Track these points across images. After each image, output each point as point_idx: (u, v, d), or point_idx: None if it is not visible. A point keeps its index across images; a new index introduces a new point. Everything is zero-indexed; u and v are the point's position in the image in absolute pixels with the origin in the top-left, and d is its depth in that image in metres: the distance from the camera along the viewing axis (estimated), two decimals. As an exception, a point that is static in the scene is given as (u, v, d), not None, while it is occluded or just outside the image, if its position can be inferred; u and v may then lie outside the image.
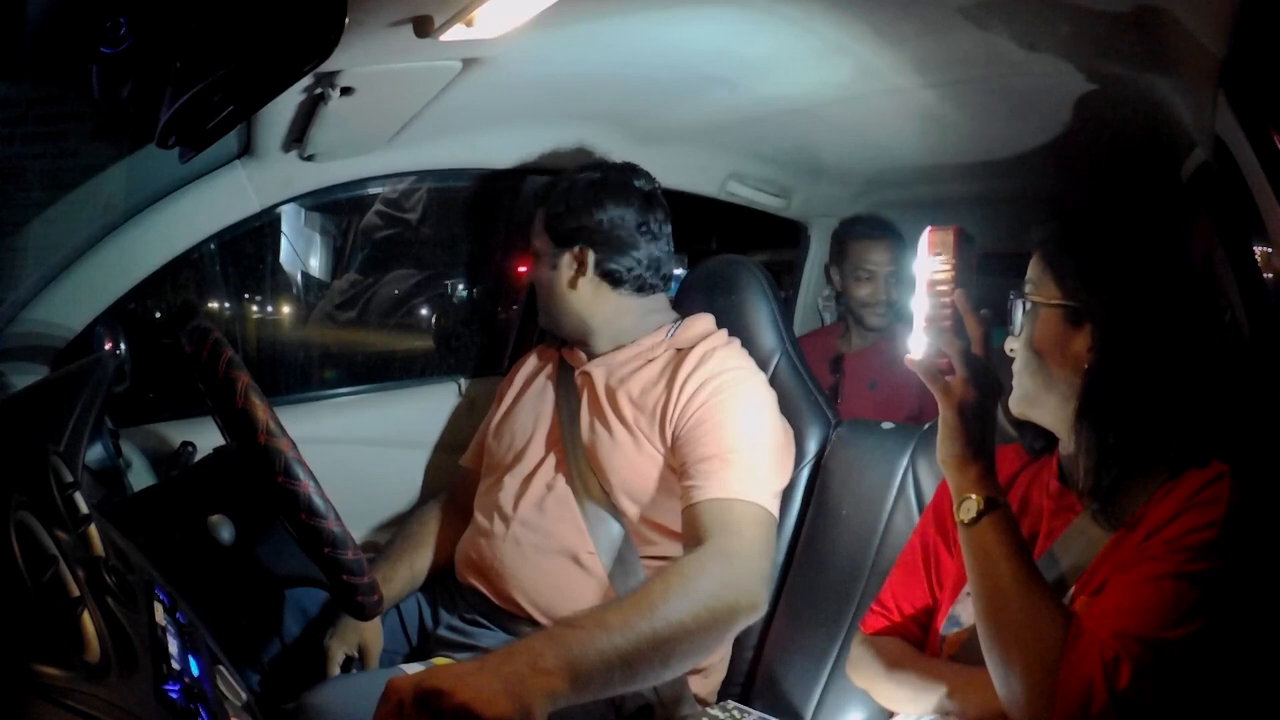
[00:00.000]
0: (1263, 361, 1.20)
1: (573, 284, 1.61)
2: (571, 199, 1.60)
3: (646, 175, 1.66)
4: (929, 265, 1.05)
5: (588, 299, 1.61)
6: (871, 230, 2.48)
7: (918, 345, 1.05)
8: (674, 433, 1.46)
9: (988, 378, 1.02)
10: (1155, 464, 1.00)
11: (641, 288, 1.62)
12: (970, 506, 1.00)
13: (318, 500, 1.12)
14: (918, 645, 1.19)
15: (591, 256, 1.59)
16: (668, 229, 1.65)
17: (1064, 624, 0.92)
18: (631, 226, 1.59)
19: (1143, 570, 0.93)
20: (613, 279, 1.60)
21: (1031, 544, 1.06)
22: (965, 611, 1.12)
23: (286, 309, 2.44)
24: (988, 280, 1.08)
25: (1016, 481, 1.17)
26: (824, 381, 2.28)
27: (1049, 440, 1.15)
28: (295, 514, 1.12)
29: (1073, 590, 1.01)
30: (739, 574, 1.27)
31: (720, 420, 1.43)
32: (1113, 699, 0.87)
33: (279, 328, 2.40)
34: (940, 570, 1.20)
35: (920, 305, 1.05)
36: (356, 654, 1.51)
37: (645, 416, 1.49)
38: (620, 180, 1.62)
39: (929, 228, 1.06)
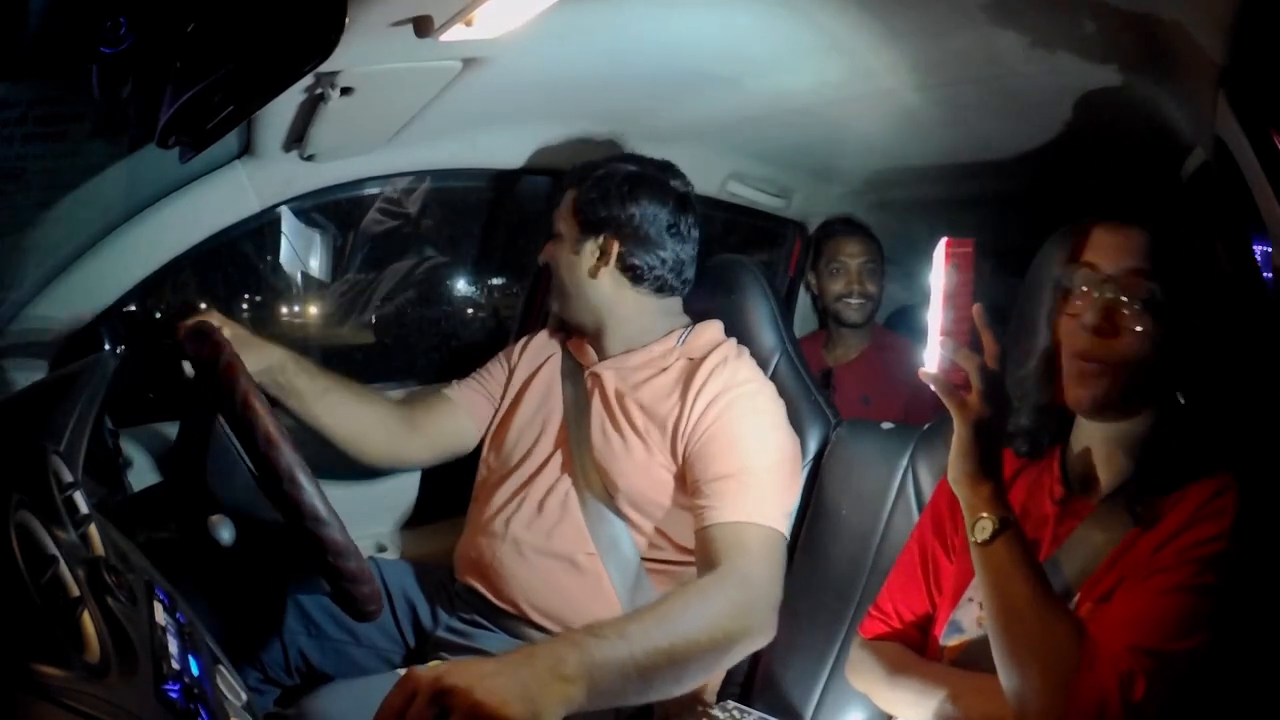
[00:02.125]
0: (1264, 366, 1.20)
1: (593, 273, 1.58)
2: (606, 187, 1.58)
3: (683, 177, 1.64)
4: (945, 277, 1.02)
5: (607, 291, 1.59)
6: (845, 227, 2.54)
7: (933, 358, 1.02)
8: (686, 448, 1.45)
9: (1002, 393, 1.01)
10: (1175, 463, 0.99)
11: (661, 288, 1.60)
12: (985, 526, 0.99)
13: (320, 505, 1.12)
14: (917, 650, 1.19)
15: (616, 248, 1.57)
16: (696, 233, 1.63)
17: (1078, 640, 0.92)
18: (662, 225, 1.58)
19: (1155, 582, 0.93)
20: (634, 275, 1.58)
21: (1035, 549, 1.06)
22: (966, 618, 1.12)
23: (286, 309, 2.44)
24: (991, 280, 1.07)
25: (1014, 485, 1.16)
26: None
27: (1037, 444, 1.15)
28: (299, 520, 1.12)
29: (1078, 596, 1.01)
30: (754, 599, 1.27)
31: (733, 437, 1.42)
32: (1126, 713, 0.87)
33: (279, 327, 2.40)
34: (939, 575, 1.20)
35: (936, 318, 1.02)
36: None
37: (657, 428, 1.49)
38: (657, 177, 1.61)
39: (945, 239, 1.02)
